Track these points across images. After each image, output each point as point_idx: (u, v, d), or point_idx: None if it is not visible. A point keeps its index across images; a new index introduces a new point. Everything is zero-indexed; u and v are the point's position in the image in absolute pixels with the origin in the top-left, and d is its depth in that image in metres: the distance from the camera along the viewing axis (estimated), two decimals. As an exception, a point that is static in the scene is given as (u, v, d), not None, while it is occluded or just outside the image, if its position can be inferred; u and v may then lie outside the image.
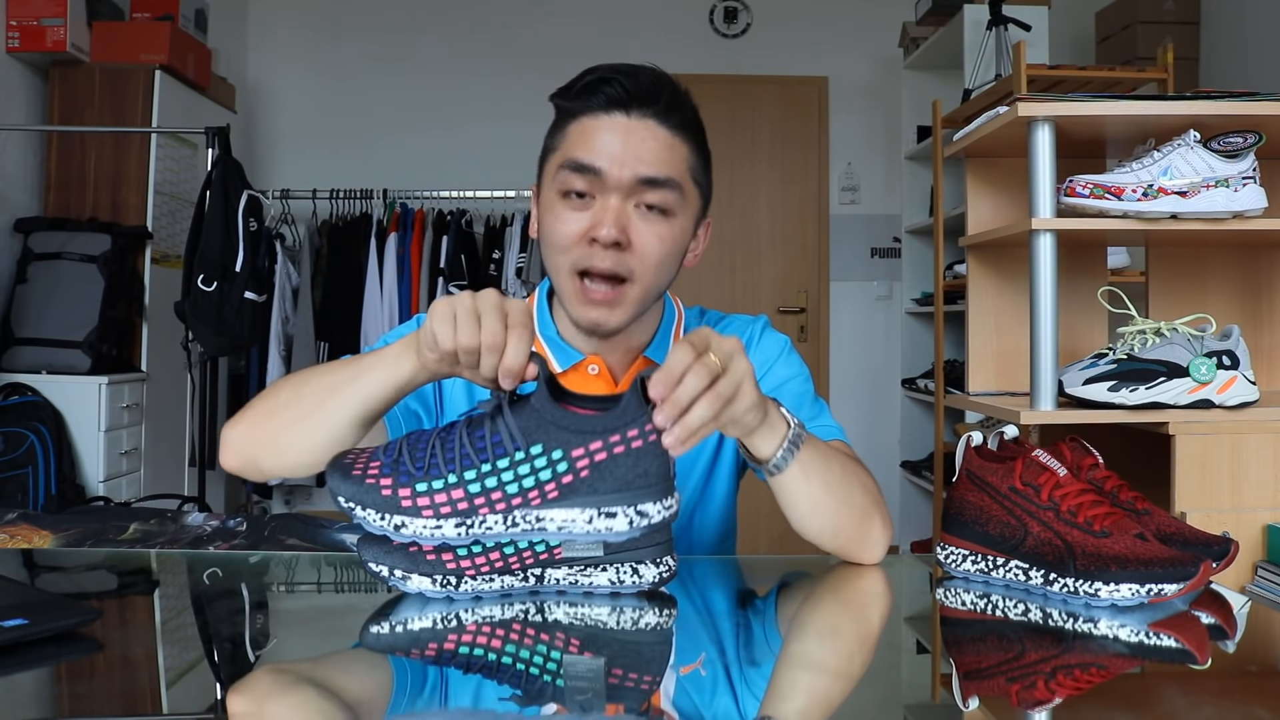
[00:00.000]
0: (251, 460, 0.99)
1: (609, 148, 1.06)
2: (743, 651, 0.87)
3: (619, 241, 1.05)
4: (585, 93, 1.07)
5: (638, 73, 1.07)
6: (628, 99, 1.06)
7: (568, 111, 1.10)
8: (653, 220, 1.08)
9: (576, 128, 1.08)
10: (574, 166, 1.06)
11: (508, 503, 0.79)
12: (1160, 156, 1.65)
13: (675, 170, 1.08)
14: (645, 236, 1.07)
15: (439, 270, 4.03)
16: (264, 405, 0.99)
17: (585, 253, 1.07)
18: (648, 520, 0.80)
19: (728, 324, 1.25)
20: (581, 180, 1.06)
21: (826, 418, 1.17)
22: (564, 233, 1.08)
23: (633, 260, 1.07)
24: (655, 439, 0.79)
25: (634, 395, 0.79)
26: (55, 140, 3.36)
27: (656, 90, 1.07)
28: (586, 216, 1.07)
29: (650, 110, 1.07)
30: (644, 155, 1.06)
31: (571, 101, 1.09)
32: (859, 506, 1.02)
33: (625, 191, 1.06)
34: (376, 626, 0.83)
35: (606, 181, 1.06)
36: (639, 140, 1.06)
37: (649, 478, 0.79)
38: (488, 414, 0.82)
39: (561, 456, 0.78)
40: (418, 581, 0.83)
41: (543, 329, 1.18)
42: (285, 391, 0.98)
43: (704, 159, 1.14)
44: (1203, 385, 1.61)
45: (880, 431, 4.71)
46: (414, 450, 0.82)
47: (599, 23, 4.64)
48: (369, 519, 0.81)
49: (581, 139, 1.07)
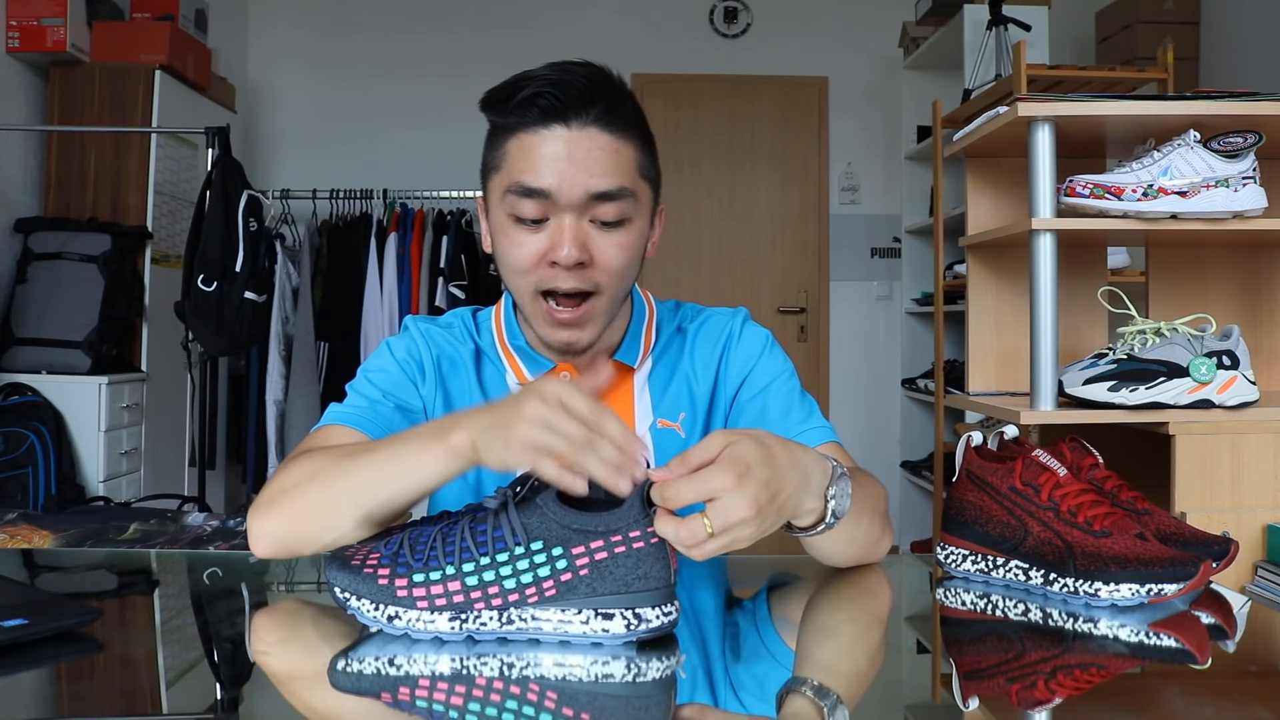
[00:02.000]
0: (291, 550, 0.95)
1: (554, 166, 1.00)
2: (738, 650, 0.87)
3: (581, 261, 1.02)
4: (520, 106, 1.01)
5: (571, 77, 1.01)
6: (564, 109, 1.00)
7: (504, 127, 1.04)
8: (610, 231, 1.04)
9: (516, 146, 1.03)
10: (521, 191, 1.02)
11: (504, 598, 0.78)
12: (1160, 156, 1.65)
13: (625, 177, 1.03)
14: (606, 249, 1.04)
15: (439, 270, 4.03)
16: (293, 501, 0.94)
17: (547, 274, 1.04)
18: (645, 625, 0.78)
19: (706, 319, 1.21)
20: (532, 205, 1.02)
21: (817, 419, 1.15)
22: (521, 255, 1.04)
23: (596, 275, 1.04)
24: (657, 541, 0.78)
25: (637, 497, 0.78)
26: (55, 140, 3.36)
27: (593, 93, 1.01)
28: (543, 238, 1.03)
29: (590, 116, 1.01)
30: (592, 168, 1.01)
31: (505, 116, 1.03)
32: (874, 537, 1.03)
33: (578, 209, 1.02)
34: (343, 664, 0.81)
35: (558, 202, 1.01)
36: (584, 152, 1.01)
37: (649, 580, 0.78)
38: (492, 510, 0.81)
39: (562, 554, 0.78)
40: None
41: (511, 339, 1.16)
42: (315, 490, 0.92)
43: (650, 152, 1.09)
44: (1203, 385, 1.61)
45: (880, 431, 4.71)
46: (415, 543, 0.82)
47: (599, 23, 4.64)
48: (363, 610, 0.80)
49: (523, 159, 1.02)
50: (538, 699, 0.72)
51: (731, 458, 0.77)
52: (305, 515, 0.92)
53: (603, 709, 0.71)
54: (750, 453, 0.78)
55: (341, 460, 0.93)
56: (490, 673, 0.75)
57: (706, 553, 0.77)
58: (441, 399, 1.14)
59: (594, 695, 0.73)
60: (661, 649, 0.80)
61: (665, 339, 1.20)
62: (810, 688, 0.74)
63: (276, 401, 3.94)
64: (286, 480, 0.95)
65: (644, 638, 0.79)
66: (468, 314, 1.23)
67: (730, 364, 1.18)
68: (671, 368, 1.18)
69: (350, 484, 0.90)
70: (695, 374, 1.18)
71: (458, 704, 0.72)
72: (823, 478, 0.86)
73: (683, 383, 1.18)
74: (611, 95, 1.03)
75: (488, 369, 1.17)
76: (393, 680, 0.75)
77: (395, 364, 1.14)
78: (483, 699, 0.72)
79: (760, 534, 0.79)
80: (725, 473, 0.77)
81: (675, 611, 0.80)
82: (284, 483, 0.95)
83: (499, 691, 0.73)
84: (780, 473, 0.80)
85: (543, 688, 0.73)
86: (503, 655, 0.78)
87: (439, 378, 1.15)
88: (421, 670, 0.76)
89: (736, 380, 1.18)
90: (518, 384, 1.15)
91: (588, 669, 0.76)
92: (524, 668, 0.76)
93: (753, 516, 0.77)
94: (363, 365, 1.17)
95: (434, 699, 0.73)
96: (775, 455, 0.81)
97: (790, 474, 0.81)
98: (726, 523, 0.76)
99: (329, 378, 3.97)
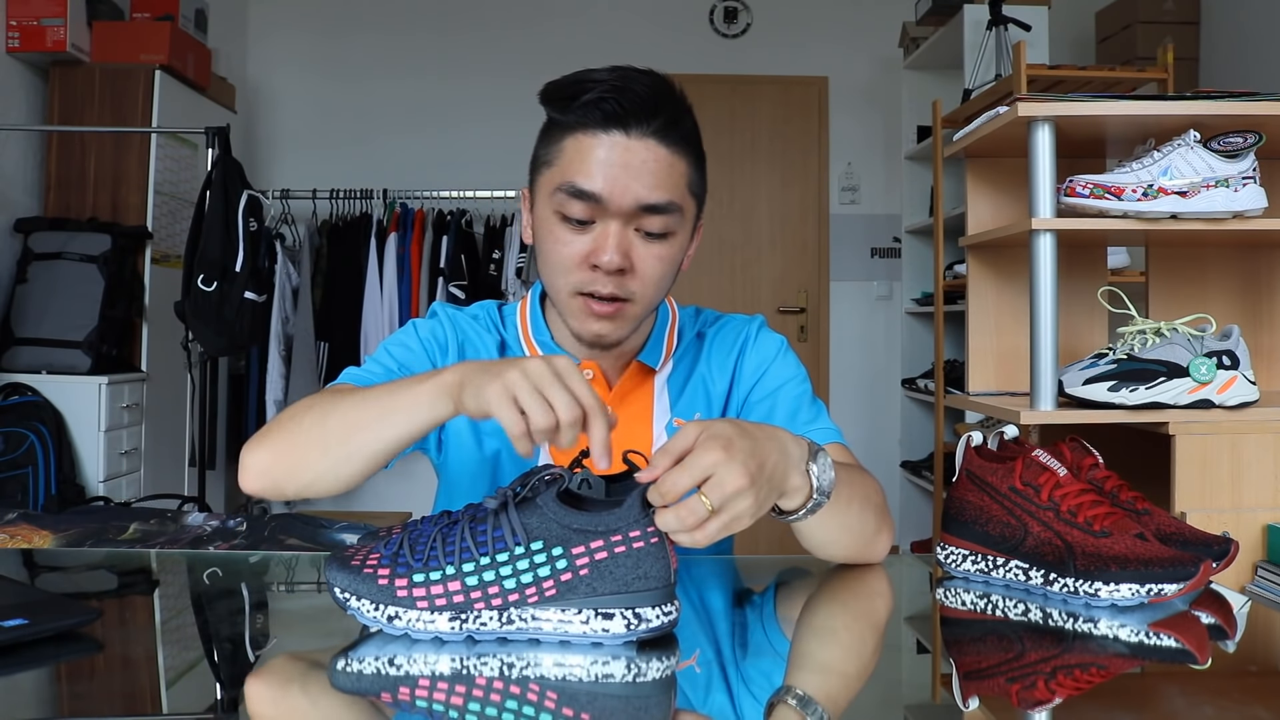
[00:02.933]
0: (274, 484, 0.97)
1: (608, 171, 1.01)
2: (739, 649, 0.87)
3: (622, 268, 1.04)
4: (582, 109, 1.02)
5: (637, 85, 1.02)
6: (626, 116, 1.01)
7: (563, 125, 1.05)
8: (654, 243, 1.05)
9: (573, 145, 1.03)
10: (573, 192, 1.02)
11: (504, 598, 0.78)
12: (1160, 156, 1.65)
13: (675, 192, 1.05)
14: (647, 260, 1.05)
15: (439, 270, 4.03)
16: (286, 432, 0.97)
17: (587, 277, 1.05)
18: (645, 625, 0.78)
19: (724, 324, 1.24)
20: (581, 206, 1.03)
21: (824, 420, 1.17)
22: (565, 254, 1.05)
23: (633, 283, 1.06)
24: (657, 541, 0.78)
25: (637, 497, 0.79)
26: (55, 140, 3.36)
27: (656, 105, 1.02)
28: (587, 240, 1.04)
29: (650, 128, 1.02)
30: (645, 178, 1.02)
31: (566, 115, 1.04)
32: (869, 528, 1.03)
33: (626, 217, 1.03)
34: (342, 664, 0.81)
35: (608, 208, 1.02)
36: (639, 162, 1.02)
37: (649, 580, 0.78)
38: (492, 510, 0.81)
39: (562, 553, 0.78)
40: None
41: (536, 334, 1.18)
42: (308, 420, 0.96)
43: (701, 168, 1.11)
44: (1203, 385, 1.61)
45: (880, 431, 4.71)
46: (415, 543, 0.82)
47: (599, 23, 4.64)
48: (363, 610, 0.80)
49: (579, 160, 1.03)
50: (538, 699, 0.72)
51: (711, 435, 0.79)
52: (292, 448, 0.95)
53: (603, 709, 0.71)
54: (727, 430, 0.81)
55: (338, 398, 0.96)
56: (490, 673, 0.75)
57: (709, 534, 0.78)
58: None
59: (594, 696, 0.73)
60: (662, 649, 0.80)
61: (686, 343, 1.23)
62: (795, 698, 0.73)
63: (276, 401, 3.94)
64: (284, 415, 0.99)
65: (644, 637, 0.79)
66: (493, 307, 1.25)
67: (745, 367, 1.21)
68: (689, 370, 1.21)
69: (340, 419, 0.94)
70: (712, 376, 1.21)
71: (457, 704, 0.72)
72: (800, 452, 0.88)
73: (699, 385, 1.21)
74: (673, 109, 1.04)
75: None
76: (393, 680, 0.75)
77: (418, 341, 1.17)
78: (483, 699, 0.72)
79: (757, 507, 0.81)
80: (711, 450, 0.78)
81: (675, 611, 0.80)
82: (281, 418, 0.99)
83: (499, 691, 0.73)
84: (760, 444, 0.82)
85: (543, 688, 0.73)
86: (503, 655, 0.78)
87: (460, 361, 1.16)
88: (421, 670, 0.76)
89: (750, 382, 1.21)
90: None
91: (588, 669, 0.76)
92: (524, 668, 0.76)
93: (748, 485, 0.78)
94: (384, 340, 1.19)
95: (434, 699, 0.73)
96: (750, 431, 0.83)
97: (769, 445, 0.84)
98: (724, 494, 0.78)
99: (329, 378, 3.96)
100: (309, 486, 0.96)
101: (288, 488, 0.97)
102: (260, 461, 0.97)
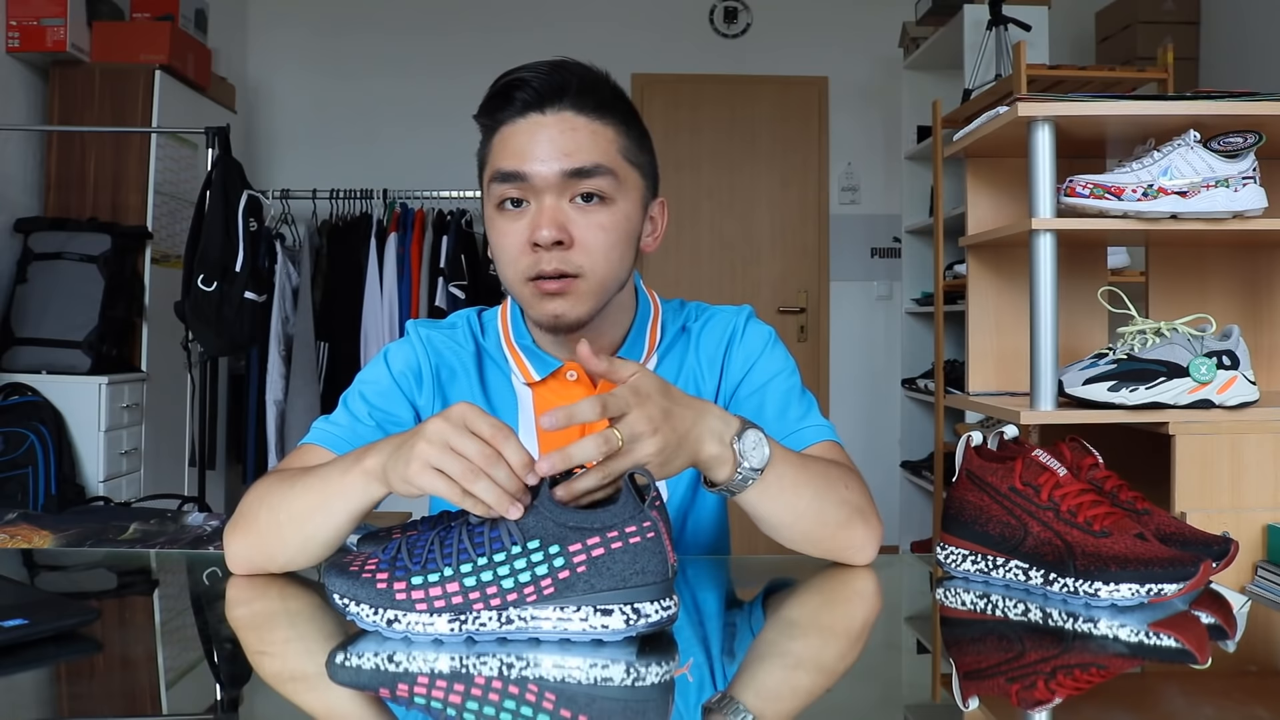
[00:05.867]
0: (259, 567, 1.02)
1: (530, 149, 1.04)
2: (728, 651, 0.87)
3: (560, 240, 1.04)
4: (499, 103, 1.06)
5: (544, 68, 1.05)
6: (539, 97, 1.05)
7: (489, 126, 1.09)
8: (591, 210, 1.05)
9: (498, 139, 1.07)
10: (501, 176, 1.05)
11: (503, 598, 0.78)
12: (1160, 156, 1.65)
13: (602, 155, 1.05)
14: (586, 229, 1.05)
15: (439, 270, 4.03)
16: (250, 522, 1.00)
17: (532, 260, 1.05)
18: (644, 620, 0.78)
19: (710, 317, 1.22)
20: (512, 188, 1.05)
21: (815, 417, 1.15)
22: (507, 245, 1.07)
23: (578, 256, 1.05)
24: (654, 537, 0.78)
25: (630, 494, 0.79)
26: (55, 140, 3.36)
27: (565, 80, 1.05)
28: (525, 224, 1.05)
29: (564, 102, 1.05)
30: (566, 147, 1.04)
31: (490, 116, 1.08)
32: (829, 519, 1.01)
33: (556, 189, 1.04)
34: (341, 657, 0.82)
35: (535, 183, 1.04)
36: (558, 134, 1.04)
37: (646, 575, 0.78)
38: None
39: (559, 552, 0.78)
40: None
41: (518, 338, 1.17)
42: (264, 513, 0.99)
43: (636, 138, 1.11)
44: (1203, 385, 1.61)
45: (880, 431, 4.71)
46: (412, 547, 0.82)
47: (599, 23, 4.64)
48: (362, 615, 0.81)
49: (503, 148, 1.06)
50: (536, 699, 0.72)
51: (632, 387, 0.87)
52: (260, 538, 1.00)
53: (602, 710, 0.71)
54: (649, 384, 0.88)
55: (285, 486, 0.99)
56: (489, 673, 0.75)
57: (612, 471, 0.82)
58: (441, 406, 1.14)
59: (593, 697, 0.73)
60: (661, 651, 0.80)
61: (670, 337, 1.20)
62: (729, 706, 0.72)
63: (276, 401, 3.94)
64: (246, 503, 1.02)
65: (644, 633, 0.79)
66: (473, 314, 1.24)
67: (733, 360, 1.19)
68: (677, 365, 1.19)
69: (289, 510, 0.97)
70: (700, 371, 1.19)
71: (456, 702, 0.72)
72: (725, 427, 0.92)
73: (688, 380, 1.19)
74: (584, 80, 1.07)
75: (491, 370, 1.18)
76: (391, 677, 0.75)
77: (389, 376, 1.17)
78: (481, 698, 0.72)
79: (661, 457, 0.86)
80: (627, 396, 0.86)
81: (674, 606, 0.80)
82: (244, 505, 1.02)
83: (498, 692, 0.73)
84: (677, 404, 0.89)
85: (541, 688, 0.73)
86: (502, 655, 0.78)
87: (438, 385, 1.16)
88: (420, 668, 0.76)
89: (737, 377, 1.19)
90: (524, 384, 1.15)
91: (587, 671, 0.76)
92: (523, 668, 0.76)
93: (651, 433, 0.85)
94: (360, 373, 1.19)
95: (432, 697, 0.73)
96: (672, 393, 0.90)
97: (686, 412, 0.90)
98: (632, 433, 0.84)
99: (329, 378, 3.97)
100: (291, 563, 1.00)
101: (272, 567, 1.01)
102: (240, 550, 1.01)
